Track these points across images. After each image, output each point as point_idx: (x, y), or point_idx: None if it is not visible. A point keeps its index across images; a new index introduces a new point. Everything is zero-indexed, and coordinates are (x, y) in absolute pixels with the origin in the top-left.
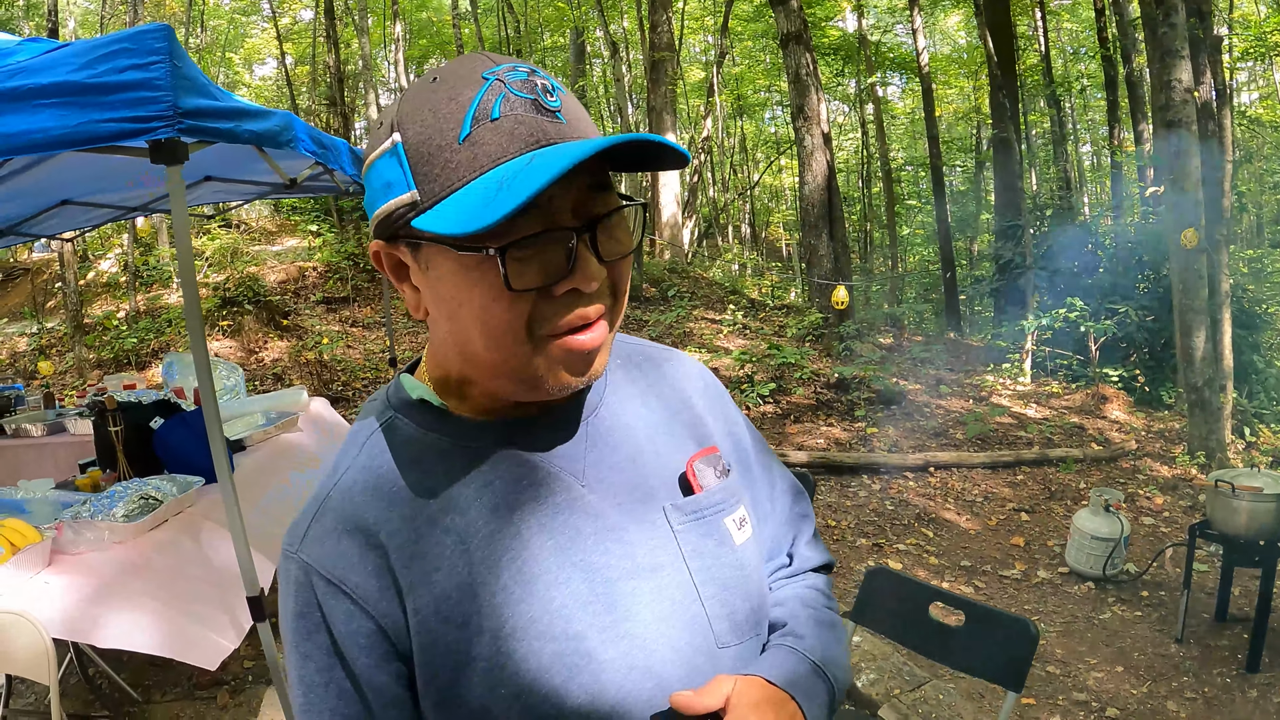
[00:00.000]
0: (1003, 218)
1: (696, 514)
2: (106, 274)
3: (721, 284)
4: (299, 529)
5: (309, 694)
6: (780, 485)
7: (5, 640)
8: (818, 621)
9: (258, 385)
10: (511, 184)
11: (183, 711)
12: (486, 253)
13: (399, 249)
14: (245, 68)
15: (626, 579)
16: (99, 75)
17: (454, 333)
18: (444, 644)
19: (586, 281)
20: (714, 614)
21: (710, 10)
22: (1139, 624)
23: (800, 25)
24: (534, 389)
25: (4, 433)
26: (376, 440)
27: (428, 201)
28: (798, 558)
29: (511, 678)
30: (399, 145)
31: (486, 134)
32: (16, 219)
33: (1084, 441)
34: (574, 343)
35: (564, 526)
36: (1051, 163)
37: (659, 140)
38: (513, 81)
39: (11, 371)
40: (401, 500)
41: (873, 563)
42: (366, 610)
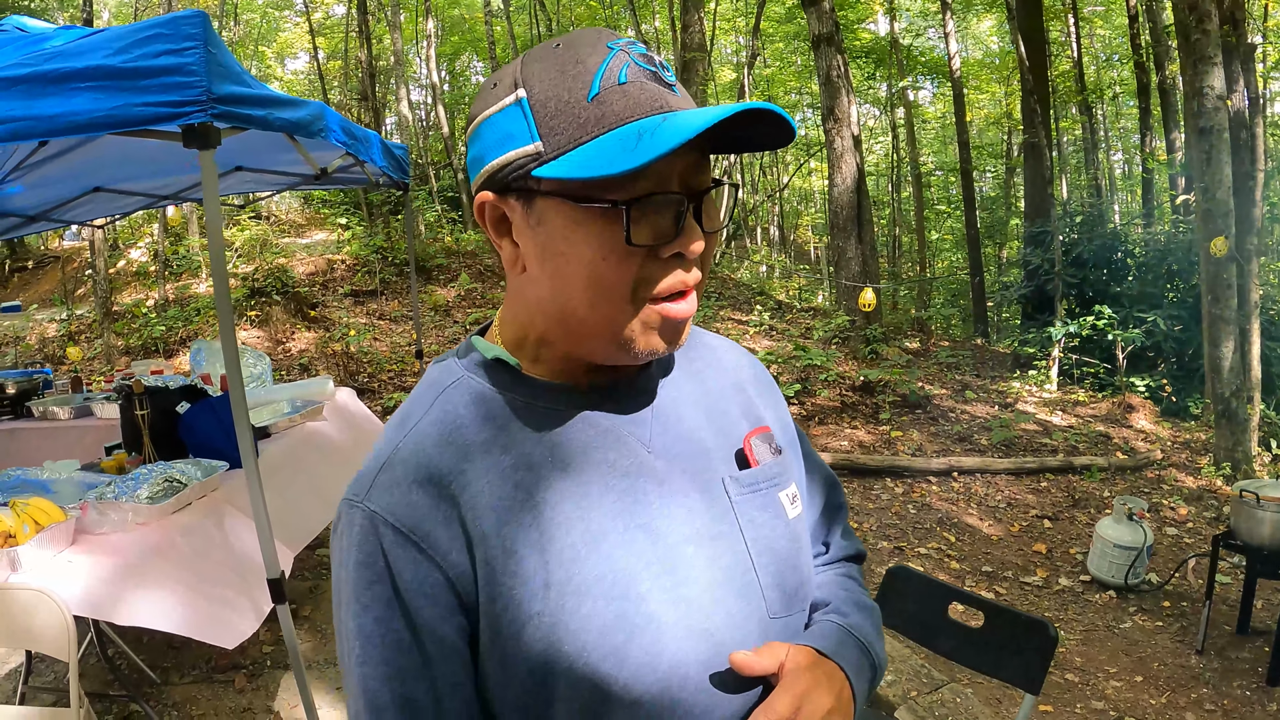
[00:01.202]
0: (1032, 224)
1: (753, 486)
2: (136, 263)
3: (749, 285)
4: (365, 479)
5: (366, 644)
6: (818, 475)
7: (27, 617)
8: (857, 604)
9: (284, 375)
10: (655, 135)
11: (200, 693)
12: (613, 205)
13: (508, 202)
14: (278, 62)
15: (687, 543)
16: (134, 60)
17: (555, 289)
18: (510, 598)
19: (691, 245)
20: (767, 584)
21: (742, 11)
22: (1160, 634)
23: (832, 27)
24: (623, 351)
25: (32, 415)
26: (450, 395)
27: (552, 153)
28: (834, 546)
29: (574, 635)
30: (524, 100)
31: (614, 95)
32: (48, 205)
33: (1109, 450)
34: (670, 310)
35: (631, 489)
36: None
37: (778, 111)
38: (635, 54)
39: (41, 357)
40: (474, 453)
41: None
42: (435, 561)
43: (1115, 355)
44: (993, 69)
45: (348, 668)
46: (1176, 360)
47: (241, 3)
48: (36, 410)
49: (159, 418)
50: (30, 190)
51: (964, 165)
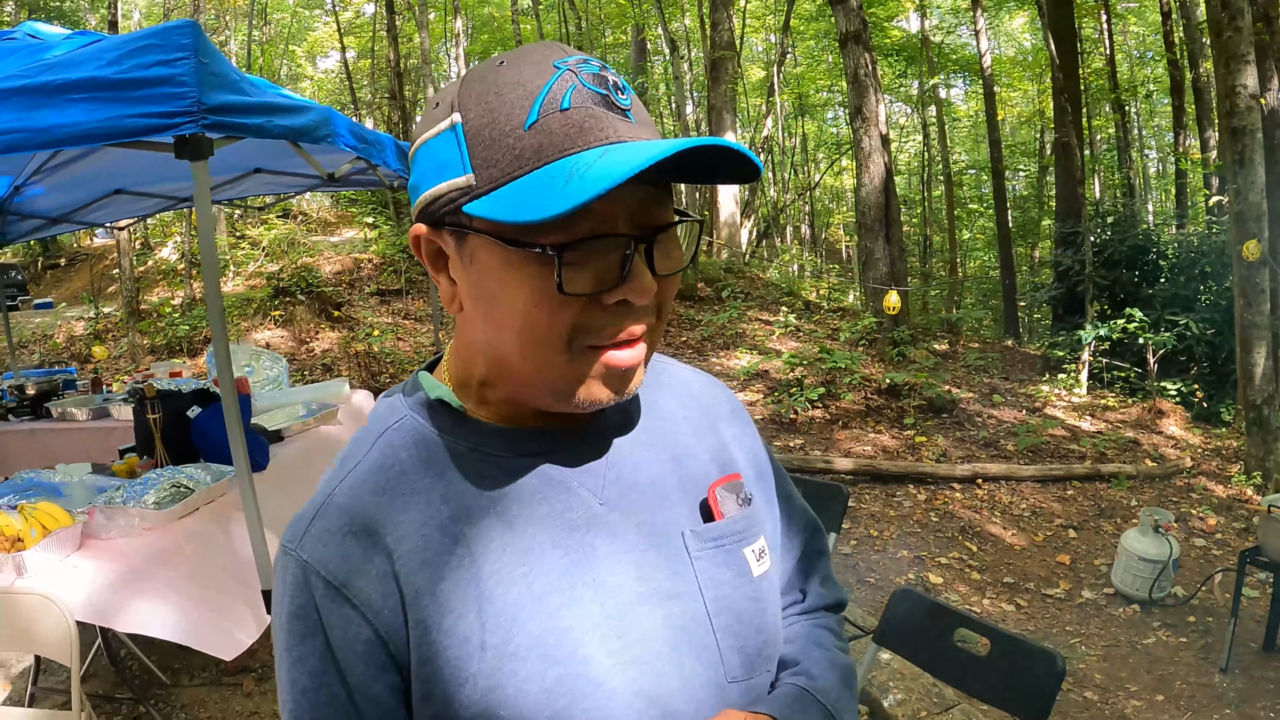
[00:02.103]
0: (1063, 224)
1: (716, 542)
2: (165, 262)
3: (778, 285)
4: (300, 525)
5: (299, 699)
6: (799, 519)
7: (32, 621)
8: (830, 663)
9: (306, 375)
10: (585, 175)
11: (208, 697)
12: (543, 251)
13: (442, 236)
14: (309, 61)
15: (640, 603)
16: (126, 71)
17: (488, 333)
18: (444, 658)
19: (639, 293)
20: (726, 646)
21: (771, 9)
22: (1183, 651)
23: (859, 25)
24: (562, 401)
25: (51, 416)
26: (391, 437)
27: (484, 187)
28: (811, 594)
29: (512, 699)
30: (458, 126)
31: (555, 123)
32: (70, 207)
33: (1138, 457)
34: (614, 359)
35: (579, 544)
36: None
37: (737, 149)
38: (584, 74)
39: (67, 355)
40: (412, 503)
41: (913, 576)
42: (366, 617)
43: (1146, 359)
44: (1025, 66)
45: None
46: (1208, 365)
47: (272, 2)
48: (55, 411)
49: (171, 421)
50: (52, 192)
51: (995, 164)
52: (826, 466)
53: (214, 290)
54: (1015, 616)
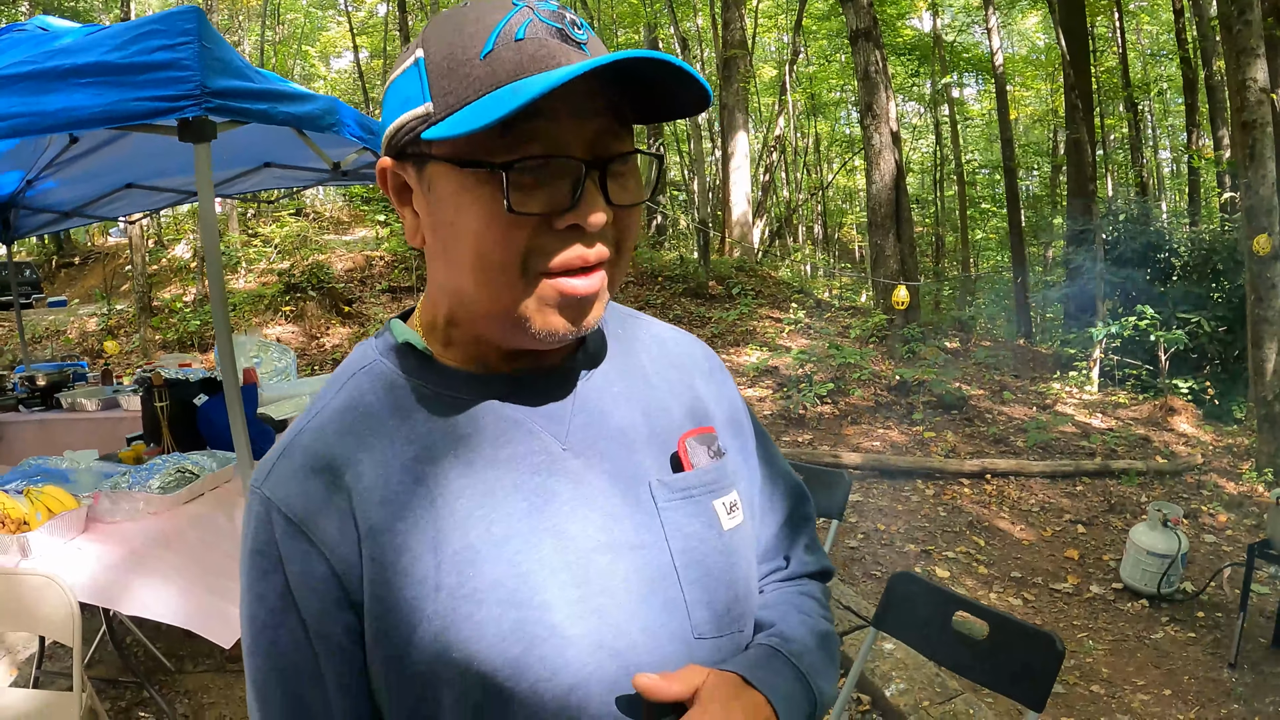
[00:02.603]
0: (1075, 222)
1: (685, 492)
2: (178, 259)
3: (790, 284)
4: (267, 464)
5: (258, 635)
6: (783, 484)
7: (36, 602)
8: (810, 629)
9: (316, 370)
10: (523, 88)
11: (212, 682)
12: (492, 169)
13: (405, 168)
14: (321, 61)
15: (602, 552)
16: (131, 56)
17: (447, 263)
18: (398, 598)
19: (589, 217)
20: (693, 600)
21: (783, 8)
22: (1191, 646)
23: (870, 22)
24: (520, 333)
25: (60, 406)
26: (357, 381)
27: (440, 114)
28: (795, 561)
29: (465, 642)
30: (420, 60)
31: (508, 52)
32: (83, 200)
33: (1148, 454)
34: (568, 286)
35: (539, 489)
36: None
37: (676, 63)
38: (541, 10)
39: (80, 350)
40: (374, 444)
41: (920, 569)
42: (323, 553)
43: (1158, 356)
44: (1037, 65)
45: (245, 655)
46: (1220, 362)
47: (285, 2)
48: (65, 402)
49: (178, 410)
50: (64, 186)
51: (1007, 163)
52: (835, 461)
53: (216, 276)
54: (1022, 610)
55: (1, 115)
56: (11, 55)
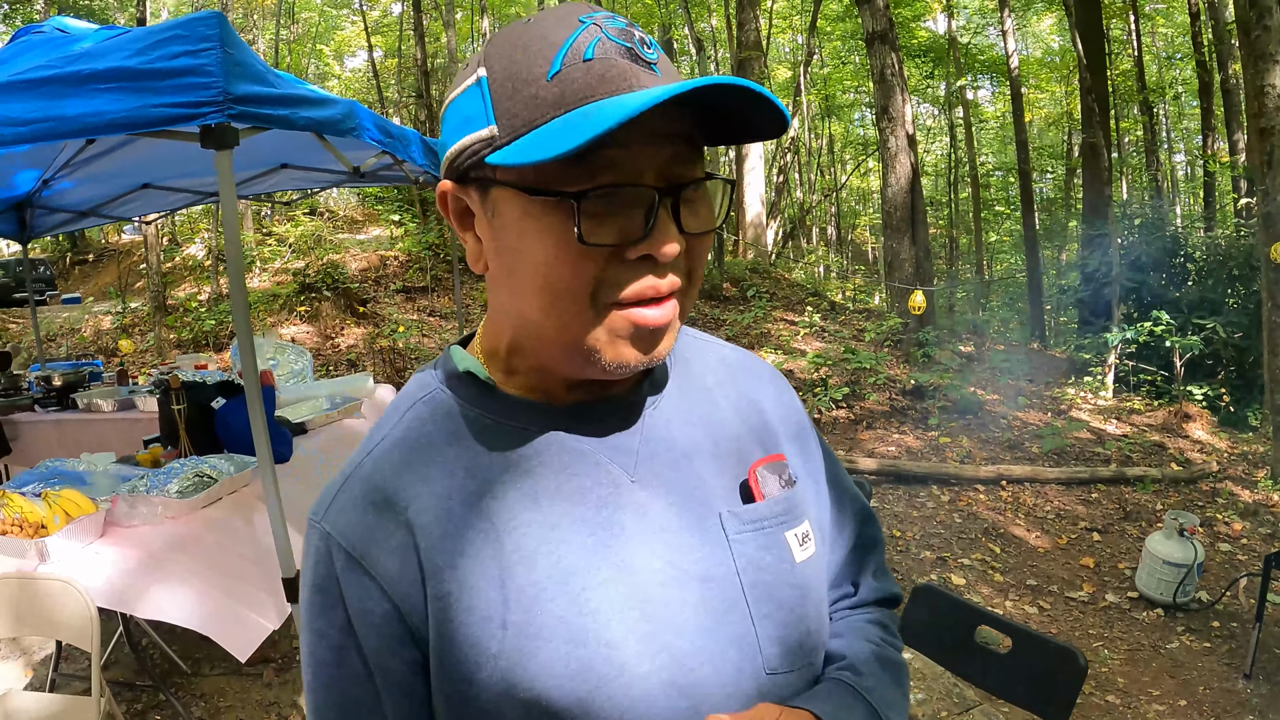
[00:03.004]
0: (1090, 226)
1: (756, 524)
2: (192, 258)
3: (804, 286)
4: (326, 497)
5: (318, 672)
6: (850, 508)
7: (54, 607)
8: (880, 659)
9: (331, 370)
10: (600, 113)
11: (229, 686)
12: (562, 198)
13: (467, 191)
14: (336, 60)
15: (670, 586)
16: (153, 61)
17: (512, 291)
18: (463, 635)
19: (663, 247)
20: (765, 635)
21: (798, 9)
22: (1207, 656)
23: (886, 24)
24: (589, 364)
25: (76, 407)
26: (417, 411)
27: (505, 137)
28: (864, 587)
29: (531, 680)
30: (483, 79)
31: (577, 73)
32: (99, 200)
33: (1163, 461)
34: (640, 316)
35: (607, 523)
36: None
37: (760, 91)
38: (610, 28)
39: (94, 349)
40: (435, 477)
41: (935, 577)
42: (384, 589)
43: (1173, 363)
44: (1052, 68)
45: (304, 690)
46: (1236, 369)
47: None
48: (81, 402)
49: (195, 413)
50: (81, 186)
51: (1022, 165)
52: (850, 466)
53: (238, 282)
54: (1038, 619)
55: (22, 120)
56: (31, 59)
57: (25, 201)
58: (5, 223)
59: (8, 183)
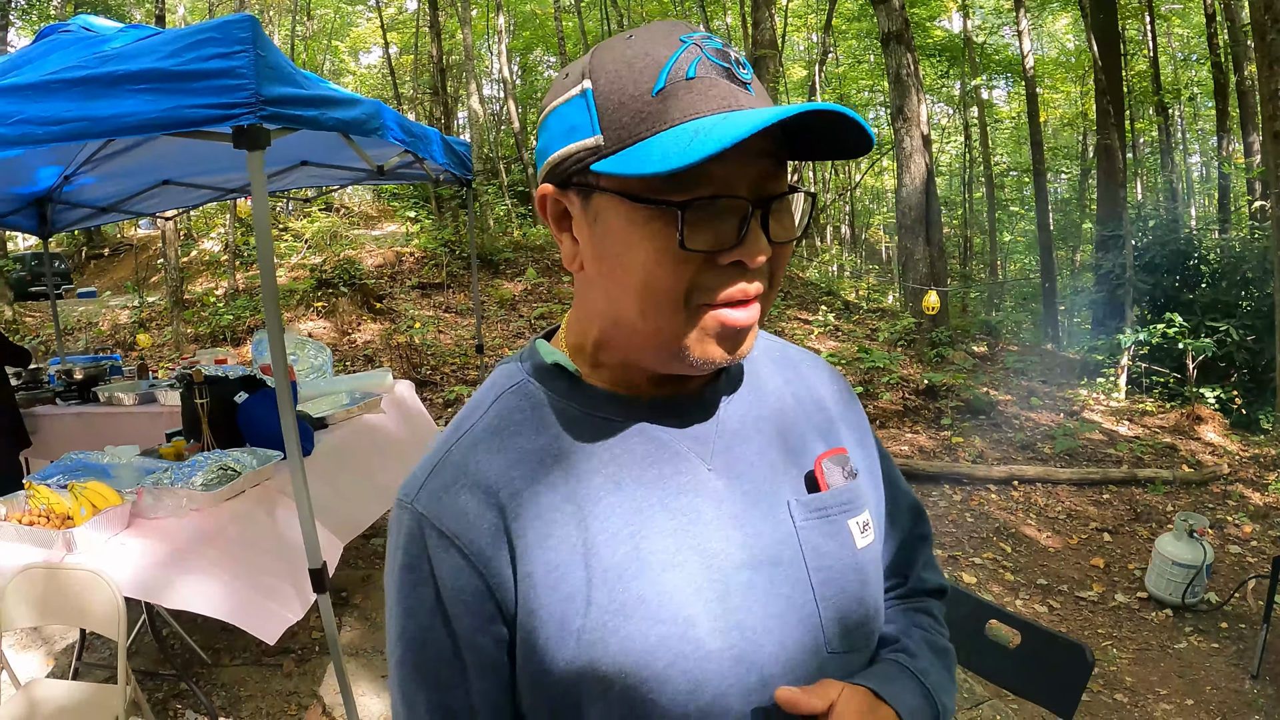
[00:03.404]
0: (1104, 227)
1: (821, 511)
2: (209, 253)
3: (817, 285)
4: (417, 480)
5: (408, 648)
6: (903, 503)
7: (82, 597)
8: (931, 645)
9: (348, 366)
10: (710, 134)
11: (249, 676)
12: (668, 207)
13: (568, 196)
14: (351, 56)
15: (743, 569)
16: (186, 63)
17: (609, 291)
18: (548, 612)
19: (754, 255)
20: (827, 616)
21: (814, 7)
22: (1215, 656)
23: (901, 24)
24: (678, 361)
25: (97, 400)
26: (506, 401)
27: (612, 147)
28: (914, 579)
29: (614, 655)
30: (589, 92)
31: (680, 90)
32: (120, 196)
33: (1175, 463)
34: (728, 317)
35: (686, 508)
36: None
37: (853, 117)
38: (708, 48)
39: (112, 342)
40: (525, 462)
41: (947, 575)
42: (477, 568)
43: (1185, 365)
44: (1068, 68)
45: (390, 666)
46: (1248, 371)
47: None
48: (102, 395)
49: (218, 407)
50: (102, 182)
51: (1036, 166)
52: None
53: (269, 278)
54: (1048, 618)
55: (56, 119)
56: (62, 59)
57: (46, 197)
58: (27, 218)
59: (30, 178)
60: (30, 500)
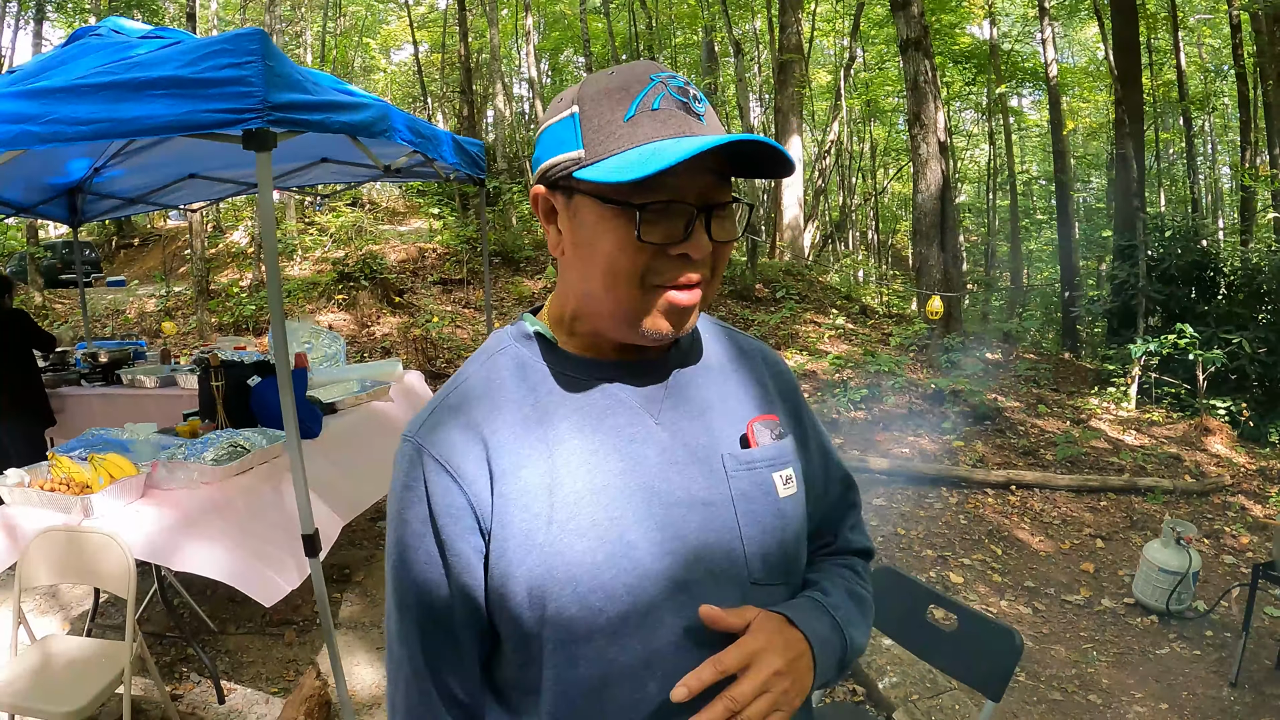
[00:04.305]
0: (1121, 237)
1: (749, 464)
2: (235, 244)
3: (837, 289)
4: (419, 419)
5: (403, 554)
6: (834, 473)
7: (96, 558)
8: (848, 591)
9: (365, 357)
10: (662, 153)
11: (252, 644)
12: (626, 207)
13: (555, 195)
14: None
15: (680, 506)
16: (201, 71)
17: (581, 271)
18: (517, 526)
19: (696, 249)
20: (751, 552)
21: (842, 13)
22: (1196, 663)
23: (920, 31)
24: (633, 330)
25: (121, 382)
26: (496, 359)
27: (590, 159)
28: (840, 539)
29: (568, 565)
30: (575, 115)
31: (646, 119)
32: (147, 189)
33: (1177, 473)
34: (674, 297)
35: (635, 453)
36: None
37: (774, 145)
38: (672, 86)
39: (138, 330)
40: (507, 407)
41: (934, 574)
42: (462, 487)
43: (1196, 376)
44: (1096, 77)
45: (388, 570)
46: (1259, 384)
47: None
48: (126, 378)
49: (233, 390)
50: (130, 174)
51: (1059, 175)
52: (861, 465)
53: (273, 271)
54: (1031, 619)
55: (85, 120)
56: (91, 62)
57: (77, 188)
58: (58, 208)
59: (61, 170)
60: (52, 470)
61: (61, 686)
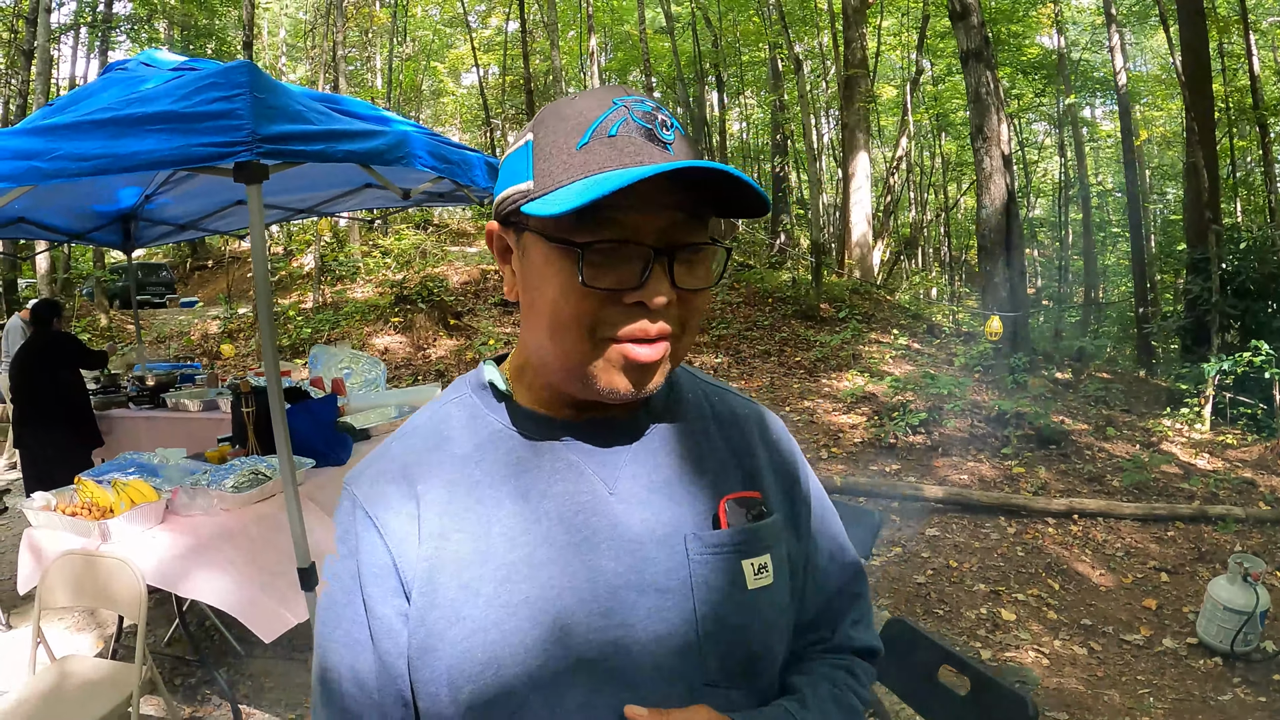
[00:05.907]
0: (1193, 250)
1: (716, 548)
2: (300, 267)
3: (906, 308)
4: (361, 467)
5: (329, 609)
6: (838, 560)
7: (110, 582)
8: (835, 700)
9: (419, 380)
10: (603, 183)
11: (275, 668)
12: (569, 246)
13: (508, 232)
14: (451, 76)
15: (630, 590)
16: (193, 105)
17: (529, 319)
18: (443, 596)
19: (652, 297)
20: (707, 649)
21: (907, 26)
22: (1260, 711)
23: (981, 42)
24: (585, 387)
25: (165, 405)
26: (448, 409)
27: (538, 192)
28: (839, 635)
29: (493, 645)
30: (529, 143)
31: (600, 146)
32: (195, 215)
33: (1251, 500)
34: (630, 352)
35: (582, 526)
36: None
37: (739, 176)
38: (636, 110)
39: (199, 351)
40: (447, 464)
41: (984, 610)
42: (388, 546)
43: (1274, 395)
44: (1168, 84)
45: (316, 622)
46: None
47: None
48: (170, 402)
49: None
50: (178, 202)
51: (1130, 186)
52: (915, 492)
53: (264, 299)
54: (1085, 660)
55: (86, 156)
56: (106, 97)
57: (130, 215)
58: (112, 233)
59: (113, 197)
60: (78, 494)
61: (71, 707)
